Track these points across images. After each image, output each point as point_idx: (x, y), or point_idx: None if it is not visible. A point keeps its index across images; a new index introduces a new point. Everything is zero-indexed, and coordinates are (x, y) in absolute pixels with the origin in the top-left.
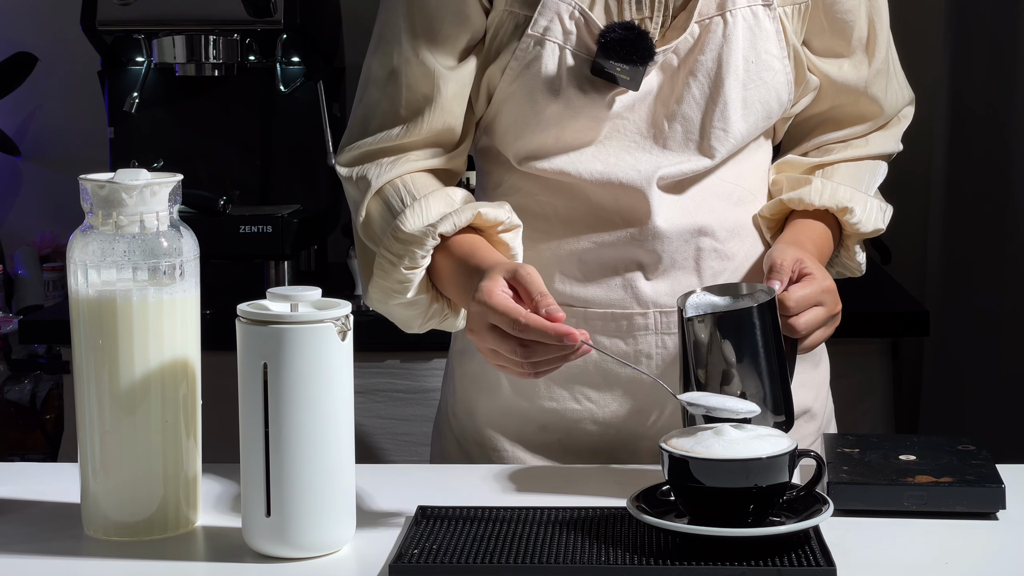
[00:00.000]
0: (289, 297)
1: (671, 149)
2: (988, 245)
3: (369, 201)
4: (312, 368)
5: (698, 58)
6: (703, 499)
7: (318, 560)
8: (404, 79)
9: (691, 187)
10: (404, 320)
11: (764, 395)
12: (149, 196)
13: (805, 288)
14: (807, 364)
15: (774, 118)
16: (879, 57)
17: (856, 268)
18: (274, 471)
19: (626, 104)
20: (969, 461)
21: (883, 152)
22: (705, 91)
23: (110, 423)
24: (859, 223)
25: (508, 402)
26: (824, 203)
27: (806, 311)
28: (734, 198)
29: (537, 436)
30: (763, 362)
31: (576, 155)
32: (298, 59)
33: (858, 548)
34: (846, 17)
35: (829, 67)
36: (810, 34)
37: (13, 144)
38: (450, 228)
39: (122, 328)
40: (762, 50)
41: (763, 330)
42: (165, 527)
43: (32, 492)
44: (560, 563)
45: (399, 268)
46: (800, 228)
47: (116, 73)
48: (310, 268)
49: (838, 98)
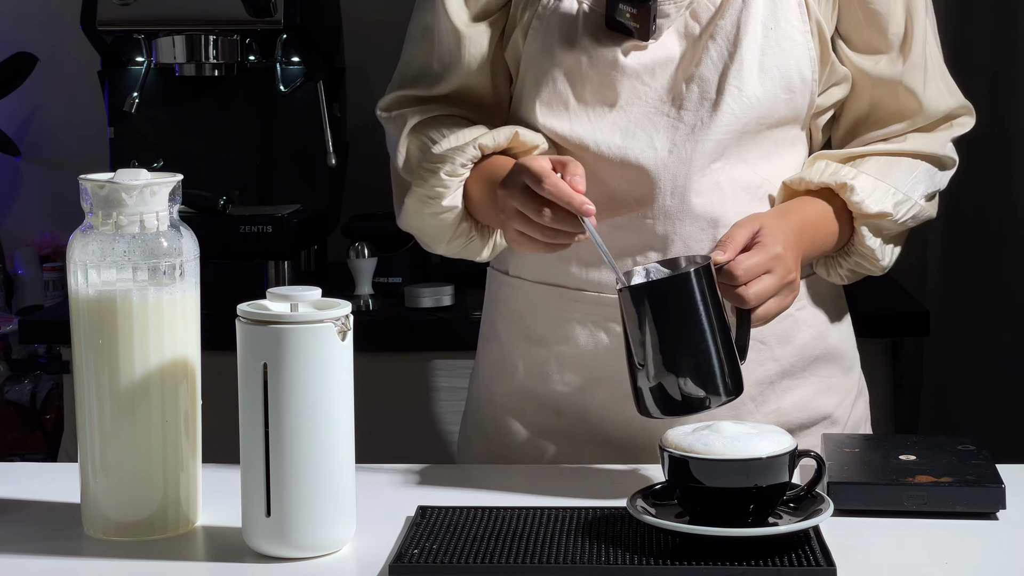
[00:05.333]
0: (289, 297)
1: (687, 109)
2: (988, 245)
3: (407, 136)
4: (312, 368)
5: (718, 23)
6: (703, 499)
7: (318, 560)
8: (435, 34)
9: (716, 175)
10: (433, 234)
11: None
12: (149, 196)
13: (753, 256)
14: (836, 369)
15: (796, 93)
16: (916, 51)
17: (870, 256)
18: (274, 471)
19: (646, 67)
20: (969, 461)
21: (923, 151)
22: (723, 53)
23: (110, 423)
24: (861, 202)
25: (523, 386)
26: (824, 180)
27: (755, 280)
28: (760, 192)
29: (552, 422)
30: (700, 331)
31: (597, 121)
32: (298, 59)
33: (858, 548)
34: (880, 8)
35: (866, 62)
36: (847, 28)
37: (13, 144)
38: (489, 141)
39: (122, 328)
40: (782, 19)
41: (695, 299)
42: (165, 527)
43: (32, 492)
44: (560, 563)
45: (439, 175)
46: (791, 203)
47: (116, 73)
48: (310, 268)
49: (876, 92)
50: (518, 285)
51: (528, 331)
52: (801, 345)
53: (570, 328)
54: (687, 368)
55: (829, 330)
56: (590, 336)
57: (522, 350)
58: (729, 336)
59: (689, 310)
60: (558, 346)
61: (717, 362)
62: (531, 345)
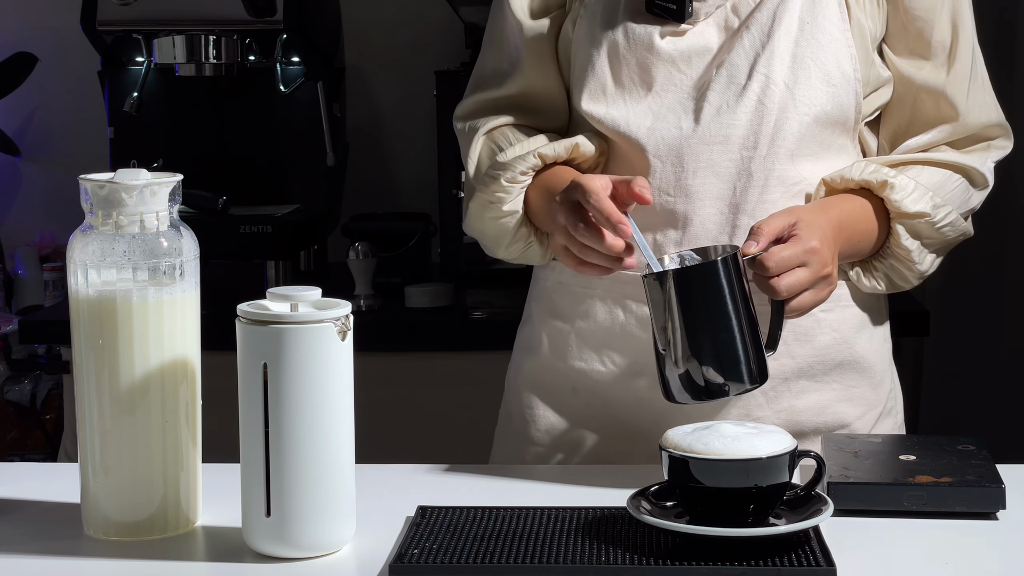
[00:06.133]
0: (289, 297)
1: (714, 91)
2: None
3: (478, 144)
4: (312, 368)
5: (755, 16)
6: (703, 499)
7: (318, 560)
8: (504, 34)
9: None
10: (494, 236)
11: (728, 353)
12: (149, 196)
13: (787, 249)
14: (863, 380)
15: (838, 88)
16: (961, 61)
17: (906, 259)
18: (274, 471)
19: (682, 54)
20: (969, 461)
21: (959, 163)
22: (755, 43)
23: (110, 423)
24: (900, 201)
25: (546, 361)
26: (864, 178)
27: (788, 272)
28: (796, 189)
29: (569, 400)
30: (724, 319)
31: (633, 105)
32: (298, 59)
33: (858, 548)
34: (923, 15)
35: (910, 68)
36: (891, 33)
37: (13, 144)
38: (550, 152)
39: (122, 328)
40: (820, 14)
41: (719, 287)
42: (165, 527)
43: (32, 492)
44: (560, 563)
45: (500, 181)
46: (830, 198)
47: (116, 73)
48: (310, 268)
49: (918, 99)
50: (552, 266)
51: (554, 307)
52: (821, 347)
53: (591, 304)
54: (709, 355)
55: (857, 338)
56: (608, 312)
57: (548, 326)
58: (755, 325)
59: (713, 298)
60: (579, 321)
61: (742, 349)
62: (555, 320)
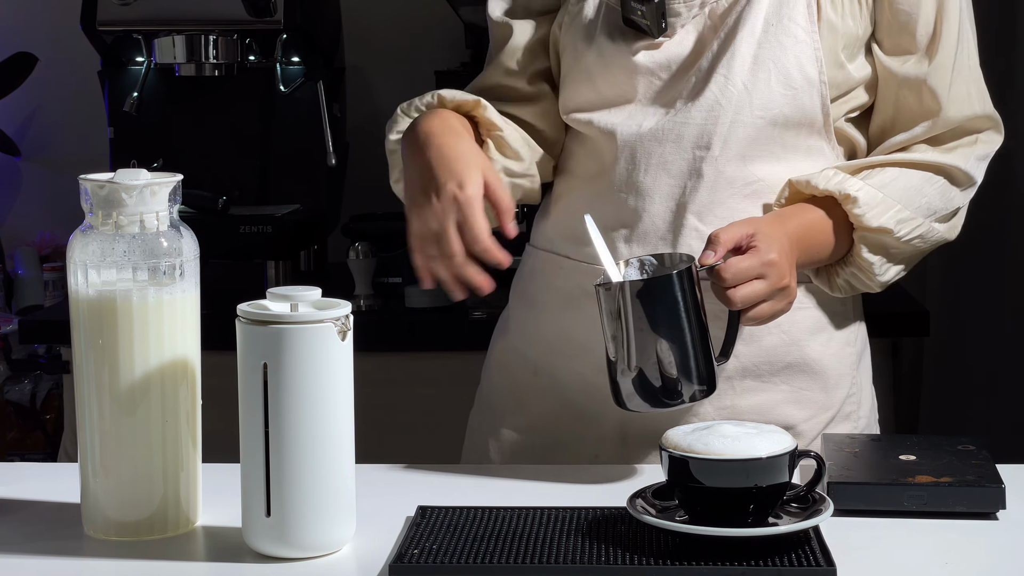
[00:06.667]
0: (289, 297)
1: (681, 96)
2: (988, 245)
3: None
4: (312, 368)
5: (726, 20)
6: (703, 499)
7: (318, 560)
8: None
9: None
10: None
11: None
12: (149, 196)
13: (745, 260)
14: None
15: (799, 90)
16: (944, 52)
17: (867, 270)
18: (274, 471)
19: (661, 65)
20: (969, 461)
21: (939, 163)
22: (721, 44)
23: (110, 423)
24: (862, 215)
25: (512, 343)
26: (829, 188)
27: (745, 283)
28: (749, 191)
29: (531, 383)
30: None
31: (616, 111)
32: (298, 59)
33: (858, 548)
34: (907, 8)
35: (894, 63)
36: (878, 30)
37: (13, 144)
38: (447, 94)
39: (122, 328)
40: (786, 16)
41: (670, 301)
42: (165, 527)
43: (32, 492)
44: (560, 563)
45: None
46: (789, 209)
47: (116, 73)
48: (310, 268)
49: (900, 94)
50: (530, 251)
51: (525, 292)
52: (768, 348)
53: (554, 292)
54: (660, 365)
55: (809, 340)
56: (566, 300)
57: (517, 310)
58: (707, 335)
59: (665, 311)
60: (542, 307)
61: (692, 360)
62: (523, 304)
